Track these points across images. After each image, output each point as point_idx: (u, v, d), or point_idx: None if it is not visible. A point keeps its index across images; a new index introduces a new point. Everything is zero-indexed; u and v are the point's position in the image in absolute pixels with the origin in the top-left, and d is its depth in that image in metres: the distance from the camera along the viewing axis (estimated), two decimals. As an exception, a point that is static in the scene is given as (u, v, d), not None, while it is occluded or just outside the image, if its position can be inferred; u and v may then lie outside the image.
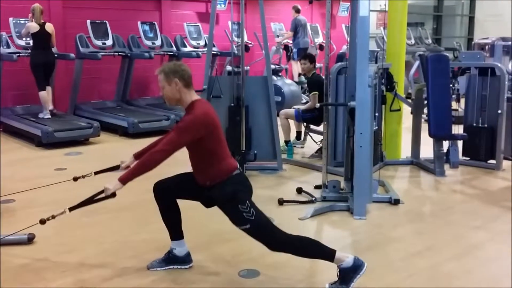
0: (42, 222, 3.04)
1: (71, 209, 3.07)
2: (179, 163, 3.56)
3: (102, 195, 3.07)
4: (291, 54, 11.01)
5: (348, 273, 3.04)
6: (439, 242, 3.95)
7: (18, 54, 7.62)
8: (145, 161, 3.04)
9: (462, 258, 3.67)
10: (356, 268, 3.05)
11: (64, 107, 8.56)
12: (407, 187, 5.52)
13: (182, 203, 3.35)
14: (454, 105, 6.67)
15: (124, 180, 3.02)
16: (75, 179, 3.38)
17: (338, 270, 3.07)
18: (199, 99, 3.14)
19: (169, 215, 3.34)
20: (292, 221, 4.34)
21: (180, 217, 3.36)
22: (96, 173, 3.44)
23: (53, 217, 3.05)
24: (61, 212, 3.04)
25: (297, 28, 10.76)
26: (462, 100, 6.61)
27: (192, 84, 3.11)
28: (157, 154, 3.00)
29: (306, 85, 7.91)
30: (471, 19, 16.48)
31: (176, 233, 3.37)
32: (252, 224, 3.03)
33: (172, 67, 3.08)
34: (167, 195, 3.30)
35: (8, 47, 7.72)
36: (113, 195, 3.05)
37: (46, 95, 7.56)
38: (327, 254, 3.07)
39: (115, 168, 3.47)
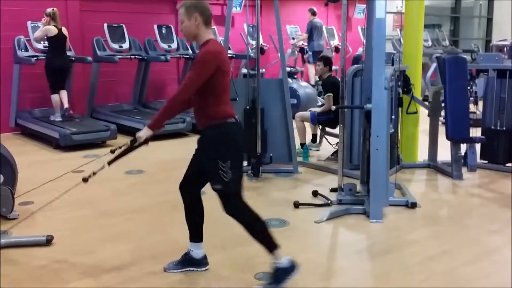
0: (85, 180, 3.16)
1: (109, 163, 3.12)
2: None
3: (136, 143, 3.08)
4: (307, 57, 11.00)
5: (282, 273, 3.09)
6: (455, 246, 3.92)
7: (36, 58, 7.71)
8: (170, 102, 3.06)
9: (478, 262, 3.64)
10: (288, 269, 3.10)
11: (81, 110, 8.65)
12: (424, 191, 5.48)
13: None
14: (472, 107, 6.60)
15: (153, 126, 3.06)
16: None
17: (271, 268, 3.11)
18: (214, 39, 3.15)
19: (192, 215, 3.35)
20: (307, 224, 4.33)
21: (202, 220, 3.37)
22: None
23: (94, 173, 3.13)
24: (101, 167, 3.10)
25: (312, 31, 10.74)
26: (480, 103, 6.54)
27: (211, 23, 3.12)
28: (180, 92, 3.03)
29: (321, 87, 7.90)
30: (489, 21, 16.30)
31: (196, 235, 3.38)
32: (225, 187, 3.06)
33: (194, 2, 3.08)
34: (189, 187, 3.31)
35: (27, 50, 7.83)
36: (146, 141, 3.06)
37: (58, 98, 7.64)
38: (272, 245, 3.11)
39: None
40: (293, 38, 10.94)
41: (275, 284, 3.10)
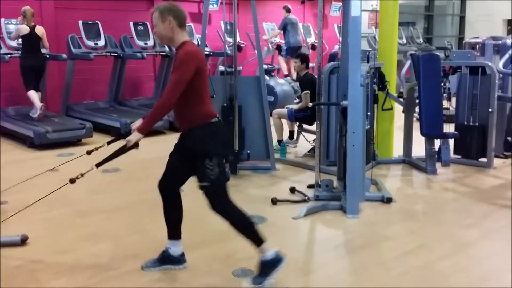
0: (72, 181, 3.10)
1: (97, 165, 3.11)
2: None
3: (126, 147, 3.09)
4: (283, 58, 11.06)
5: (267, 266, 3.13)
6: (431, 240, 3.98)
7: (10, 55, 7.59)
8: (158, 106, 3.05)
9: (454, 256, 3.70)
10: (275, 262, 3.14)
11: (56, 108, 8.54)
12: (400, 186, 5.55)
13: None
14: (445, 104, 6.72)
15: (142, 130, 3.06)
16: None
17: (258, 262, 3.15)
18: (190, 40, 3.16)
19: (171, 212, 3.35)
20: (285, 220, 4.36)
21: (181, 217, 3.37)
22: (109, 142, 3.32)
23: (82, 175, 3.09)
24: (89, 169, 3.07)
25: (286, 27, 10.79)
26: (453, 99, 6.66)
27: (185, 25, 3.13)
28: (167, 97, 3.02)
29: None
30: (462, 19, 16.59)
31: (174, 232, 3.38)
32: (212, 184, 3.09)
33: (167, 6, 3.10)
34: (169, 185, 3.31)
35: (0, 48, 7.69)
36: (136, 145, 3.08)
37: (34, 94, 7.51)
38: (258, 240, 3.14)
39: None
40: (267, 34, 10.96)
41: (263, 278, 3.12)
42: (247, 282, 3.17)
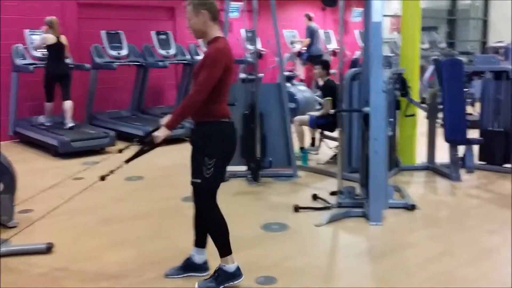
0: (102, 178, 3.17)
1: (126, 161, 3.15)
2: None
3: (153, 144, 3.13)
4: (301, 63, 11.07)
5: (224, 276, 3.18)
6: (455, 246, 3.93)
7: (34, 65, 7.73)
8: (186, 104, 3.07)
9: (478, 262, 3.66)
10: (233, 275, 3.19)
11: (80, 117, 8.66)
12: (423, 192, 5.49)
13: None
14: (469, 109, 6.63)
15: (170, 126, 3.09)
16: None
17: (217, 268, 3.20)
18: (223, 36, 3.17)
19: (200, 220, 3.35)
20: (308, 227, 4.35)
21: None
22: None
23: (112, 172, 3.16)
24: (118, 166, 3.13)
25: (313, 35, 10.78)
26: (477, 104, 6.57)
27: (218, 19, 3.14)
28: (196, 93, 3.02)
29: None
30: (485, 22, 16.36)
31: (201, 240, 3.39)
32: (203, 182, 3.09)
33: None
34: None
35: (24, 58, 7.84)
36: (164, 142, 3.10)
37: (50, 107, 7.68)
38: (227, 250, 3.20)
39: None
40: (292, 43, 10.97)
41: (215, 284, 3.18)
42: (197, 284, 3.22)
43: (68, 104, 7.68)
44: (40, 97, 8.10)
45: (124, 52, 8.50)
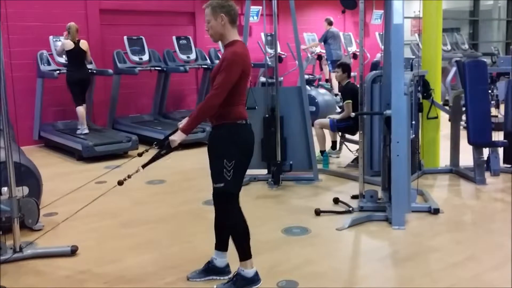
0: (120, 183, 3.20)
1: (143, 166, 3.17)
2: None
3: (170, 148, 3.14)
4: (327, 65, 11.06)
5: (243, 281, 3.19)
6: (480, 251, 3.87)
7: (58, 71, 7.86)
8: (203, 108, 3.07)
9: (503, 267, 3.58)
10: (251, 281, 3.20)
11: (103, 122, 8.78)
12: (447, 196, 5.42)
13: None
14: (493, 111, 6.52)
15: (186, 130, 3.10)
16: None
17: (236, 272, 3.22)
18: (240, 40, 3.18)
19: (222, 223, 3.35)
20: (329, 231, 4.32)
21: None
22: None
23: (129, 176, 3.18)
24: (136, 171, 3.15)
25: (327, 40, 10.77)
26: (502, 106, 6.46)
27: (236, 22, 3.15)
28: (213, 97, 3.03)
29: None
30: (509, 23, 16.12)
31: (222, 243, 3.40)
32: (226, 185, 3.09)
33: (219, 2, 3.11)
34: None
35: (49, 64, 7.98)
36: (180, 146, 3.11)
37: (83, 110, 7.77)
38: (246, 254, 3.22)
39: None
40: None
41: (234, 286, 3.19)
42: (216, 286, 3.25)
43: (81, 108, 7.75)
44: (64, 103, 8.25)
45: (145, 57, 8.59)
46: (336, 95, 10.30)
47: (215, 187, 3.15)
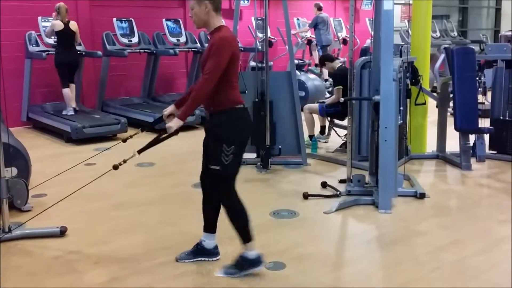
0: (115, 167, 3.23)
1: (139, 151, 3.20)
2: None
3: (166, 134, 3.18)
4: (317, 50, 11.07)
5: (246, 263, 3.23)
6: (465, 236, 3.94)
7: (47, 52, 7.78)
8: (196, 95, 3.09)
9: (488, 251, 3.66)
10: (254, 262, 3.24)
11: (92, 104, 8.73)
12: (433, 181, 5.49)
13: (209, 197, 3.40)
14: (480, 98, 6.60)
15: (183, 117, 3.13)
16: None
17: (238, 255, 3.25)
18: (225, 26, 3.19)
19: (209, 205, 3.41)
20: (317, 215, 4.38)
21: (217, 212, 3.41)
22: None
23: (125, 161, 3.21)
24: (131, 156, 3.18)
25: (317, 25, 10.78)
26: (489, 93, 6.53)
27: (220, 10, 3.17)
28: (205, 82, 3.06)
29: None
30: (498, 11, 16.19)
31: (210, 225, 3.44)
32: (223, 168, 3.13)
33: None
34: (206, 176, 3.37)
35: (37, 45, 7.90)
36: (176, 132, 3.14)
37: (69, 92, 7.72)
38: (247, 237, 3.24)
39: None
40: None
41: (237, 270, 3.24)
42: (219, 271, 3.28)
43: (69, 88, 7.70)
44: (52, 84, 8.17)
45: (135, 39, 8.53)
46: (326, 80, 10.33)
47: (211, 168, 3.17)
